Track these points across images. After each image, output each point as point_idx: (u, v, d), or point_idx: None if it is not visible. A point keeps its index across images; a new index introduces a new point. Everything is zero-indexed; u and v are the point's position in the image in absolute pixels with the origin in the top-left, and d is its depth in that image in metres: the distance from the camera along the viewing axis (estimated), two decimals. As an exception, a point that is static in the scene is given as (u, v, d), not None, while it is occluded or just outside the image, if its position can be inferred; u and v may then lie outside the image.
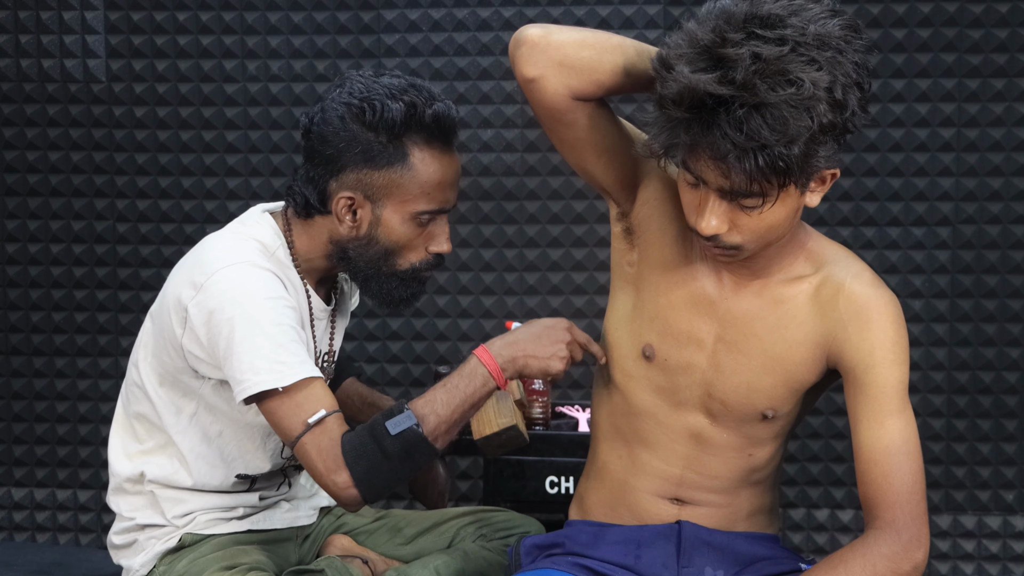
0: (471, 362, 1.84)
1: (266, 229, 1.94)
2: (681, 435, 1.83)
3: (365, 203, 1.89)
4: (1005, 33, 2.96)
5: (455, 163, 1.93)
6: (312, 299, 1.98)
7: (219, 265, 1.85)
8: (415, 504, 2.99)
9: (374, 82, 1.89)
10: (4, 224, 3.20)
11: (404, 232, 1.91)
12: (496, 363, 1.83)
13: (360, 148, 1.87)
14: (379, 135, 1.86)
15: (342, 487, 1.78)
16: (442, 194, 1.91)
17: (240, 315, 1.81)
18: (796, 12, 1.56)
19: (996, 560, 3.09)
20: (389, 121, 1.85)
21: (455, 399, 1.81)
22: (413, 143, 1.88)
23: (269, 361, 1.79)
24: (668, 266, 1.80)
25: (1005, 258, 3.02)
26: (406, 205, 1.89)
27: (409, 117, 1.86)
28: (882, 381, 1.69)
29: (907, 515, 1.66)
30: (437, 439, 1.81)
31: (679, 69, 1.55)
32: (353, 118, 1.86)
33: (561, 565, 1.84)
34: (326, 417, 1.79)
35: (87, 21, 3.12)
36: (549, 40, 1.69)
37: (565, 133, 1.76)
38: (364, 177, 1.88)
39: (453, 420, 1.82)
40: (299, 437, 1.79)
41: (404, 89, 1.88)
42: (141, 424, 1.99)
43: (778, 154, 1.53)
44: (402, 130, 1.86)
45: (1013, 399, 3.05)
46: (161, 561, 1.98)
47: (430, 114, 1.87)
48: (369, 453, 1.77)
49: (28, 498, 3.26)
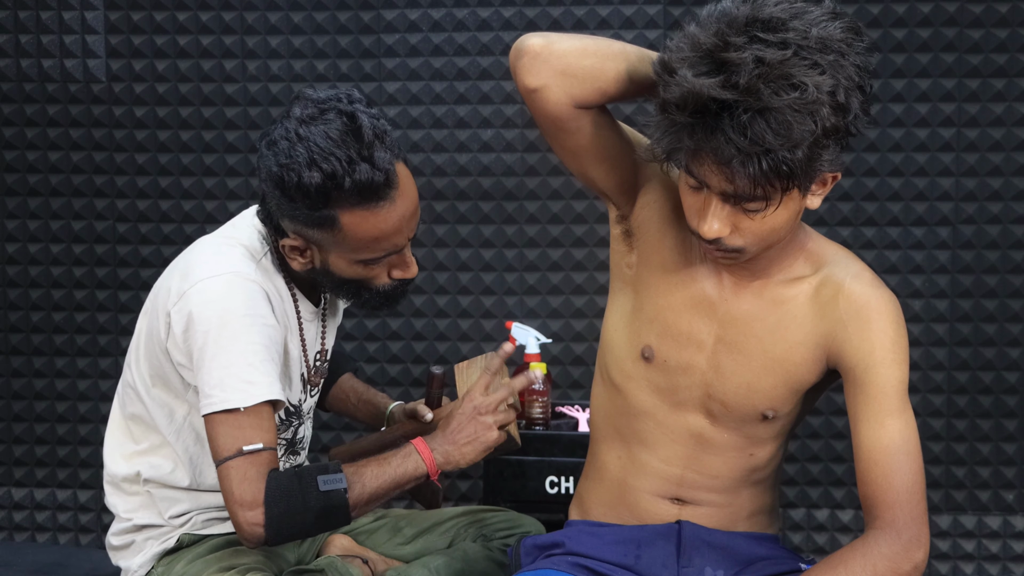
0: (408, 448, 1.86)
1: (254, 234, 1.94)
2: (681, 435, 1.83)
3: (311, 247, 1.87)
4: (1005, 33, 2.96)
5: (394, 212, 1.81)
6: (300, 303, 1.97)
7: (203, 275, 1.84)
8: (414, 504, 2.99)
9: (300, 138, 1.76)
10: (4, 224, 3.20)
11: (356, 272, 1.88)
12: (432, 457, 1.85)
13: (289, 210, 1.82)
14: (301, 204, 1.79)
15: (251, 523, 1.77)
16: (385, 243, 1.84)
17: (216, 330, 1.80)
18: (798, 15, 1.56)
19: (996, 560, 3.09)
20: (308, 191, 1.76)
21: (384, 476, 1.83)
22: (340, 208, 1.79)
23: (238, 380, 1.79)
24: (668, 268, 1.80)
25: (1005, 258, 3.02)
26: (349, 255, 1.85)
27: (328, 187, 1.76)
28: (882, 381, 1.70)
29: (907, 515, 1.66)
30: (356, 509, 1.83)
31: (682, 73, 1.55)
32: (275, 184, 1.79)
33: (561, 565, 1.84)
34: (262, 450, 1.78)
35: (87, 21, 3.12)
36: (551, 50, 1.69)
37: (567, 140, 1.76)
38: (301, 231, 1.84)
39: (375, 496, 1.84)
40: (229, 459, 1.77)
41: (328, 152, 1.75)
42: (136, 425, 1.99)
43: (782, 158, 1.53)
44: (323, 200, 1.77)
45: (1013, 399, 3.05)
46: (159, 562, 1.98)
47: (350, 184, 1.75)
48: (291, 499, 1.77)
49: (28, 498, 3.26)
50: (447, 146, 3.10)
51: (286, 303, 1.94)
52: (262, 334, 1.82)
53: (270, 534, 1.78)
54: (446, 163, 3.10)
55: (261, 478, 1.77)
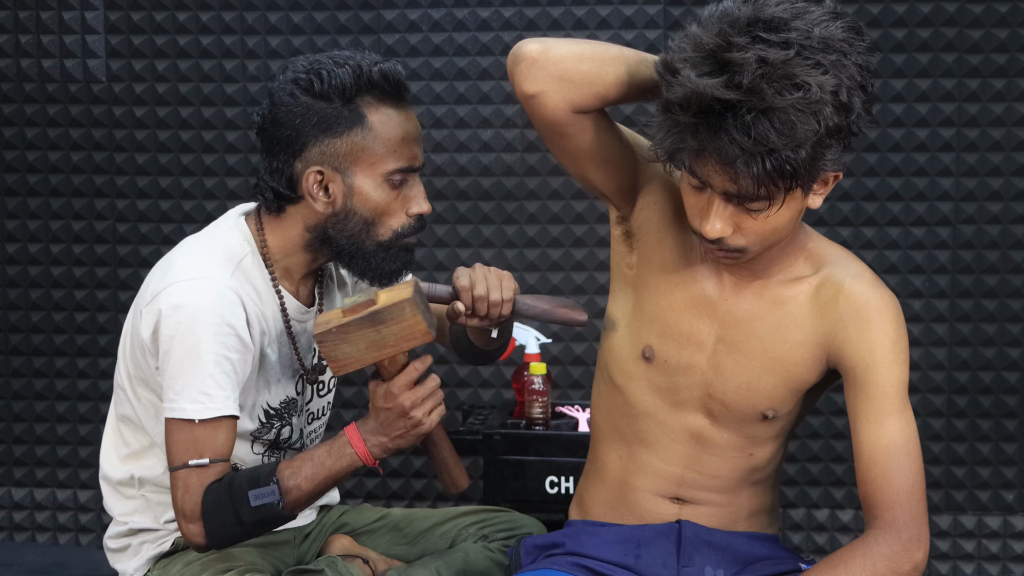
0: (342, 442, 1.85)
1: (236, 235, 1.93)
2: (681, 435, 1.83)
3: (335, 175, 1.87)
4: (1005, 33, 2.96)
5: (412, 118, 1.91)
6: (287, 303, 1.96)
7: (177, 278, 1.85)
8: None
9: (316, 56, 1.91)
10: (4, 224, 3.20)
11: (379, 197, 1.89)
12: (365, 447, 1.84)
13: (316, 119, 1.86)
14: (332, 102, 1.86)
15: (193, 534, 1.83)
16: (408, 150, 1.89)
17: (181, 336, 1.81)
18: (799, 15, 1.56)
19: (996, 560, 3.09)
20: (339, 86, 1.85)
21: (320, 474, 1.84)
22: (367, 103, 1.87)
23: (196, 391, 1.80)
24: (668, 268, 1.80)
25: (1005, 258, 3.02)
26: (375, 167, 1.88)
27: (357, 78, 1.85)
28: (882, 381, 1.70)
29: (907, 515, 1.66)
30: (295, 510, 1.85)
31: (685, 73, 1.55)
32: (303, 91, 1.86)
33: (561, 565, 1.84)
34: (208, 465, 1.81)
35: (87, 21, 3.12)
36: (548, 55, 1.69)
37: (566, 145, 1.76)
38: (327, 148, 1.87)
39: (313, 494, 1.85)
40: (176, 468, 1.82)
41: (347, 56, 1.88)
42: (126, 426, 1.99)
43: (785, 158, 1.53)
44: (353, 92, 1.86)
45: (1013, 399, 3.05)
46: (155, 565, 1.98)
47: (376, 71, 1.86)
48: (224, 515, 1.81)
49: (28, 498, 3.26)
50: (447, 146, 3.10)
51: (267, 305, 1.93)
52: (226, 344, 1.82)
53: (212, 544, 1.84)
54: (446, 163, 3.10)
55: (200, 492, 1.81)
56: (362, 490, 3.20)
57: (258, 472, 1.83)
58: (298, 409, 2.04)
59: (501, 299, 1.88)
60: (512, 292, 1.89)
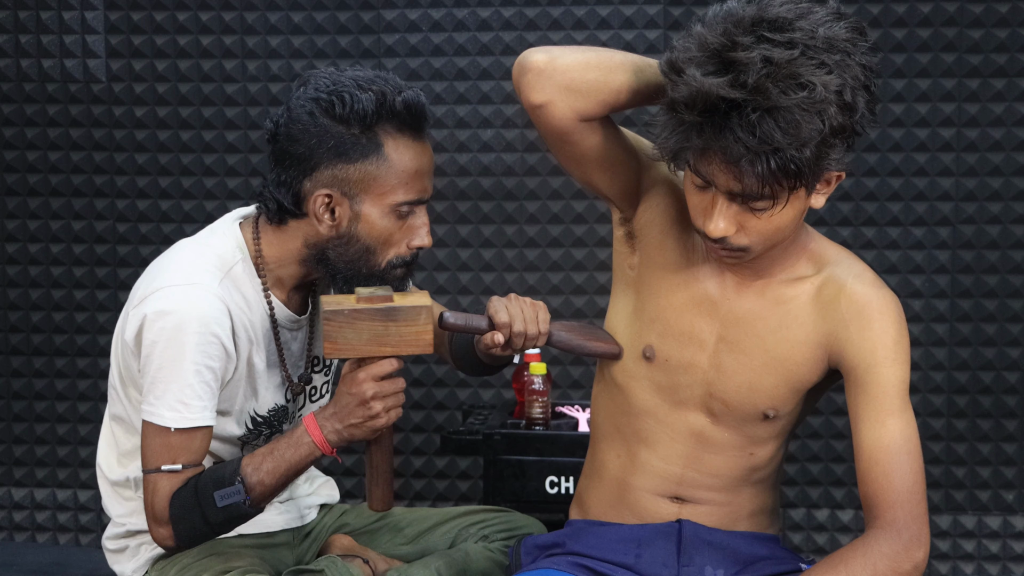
0: (299, 429, 1.85)
1: (229, 241, 1.92)
2: (682, 434, 1.83)
3: (343, 200, 1.86)
4: (1005, 33, 2.96)
5: (428, 151, 1.89)
6: (277, 312, 1.94)
7: (165, 283, 1.84)
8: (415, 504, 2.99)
9: (339, 76, 1.86)
10: (4, 224, 3.20)
11: (384, 226, 1.87)
12: (322, 435, 1.83)
13: (333, 143, 1.83)
14: (351, 127, 1.83)
15: (163, 536, 1.85)
16: (419, 183, 1.88)
17: (164, 342, 1.81)
18: (803, 15, 1.57)
19: (996, 560, 3.09)
20: (360, 112, 1.82)
21: (281, 467, 1.84)
22: (386, 133, 1.84)
23: (174, 399, 1.81)
24: (670, 268, 1.80)
25: (1005, 258, 3.02)
26: (384, 197, 1.86)
27: (379, 106, 1.82)
28: (883, 380, 1.70)
29: (907, 515, 1.67)
30: (260, 504, 1.86)
31: (690, 73, 1.56)
32: (323, 112, 1.83)
33: (561, 565, 1.84)
34: (180, 471, 1.83)
35: (87, 21, 3.12)
36: (554, 65, 1.69)
37: (572, 151, 1.77)
38: (339, 173, 1.84)
39: (277, 487, 1.85)
40: (148, 472, 1.84)
41: (371, 80, 1.85)
42: (119, 426, 1.99)
43: (790, 157, 1.54)
44: (374, 120, 1.83)
45: (1013, 399, 3.05)
46: (153, 567, 1.97)
47: (400, 101, 1.83)
48: (191, 517, 1.82)
49: (28, 498, 3.25)
50: (447, 146, 3.10)
51: (255, 313, 1.91)
52: (208, 353, 1.82)
53: (182, 545, 1.87)
54: (446, 163, 3.10)
55: (168, 496, 1.83)
56: (362, 490, 3.20)
57: (222, 471, 1.83)
58: (290, 416, 2.03)
59: (538, 332, 1.86)
60: (547, 325, 1.86)
